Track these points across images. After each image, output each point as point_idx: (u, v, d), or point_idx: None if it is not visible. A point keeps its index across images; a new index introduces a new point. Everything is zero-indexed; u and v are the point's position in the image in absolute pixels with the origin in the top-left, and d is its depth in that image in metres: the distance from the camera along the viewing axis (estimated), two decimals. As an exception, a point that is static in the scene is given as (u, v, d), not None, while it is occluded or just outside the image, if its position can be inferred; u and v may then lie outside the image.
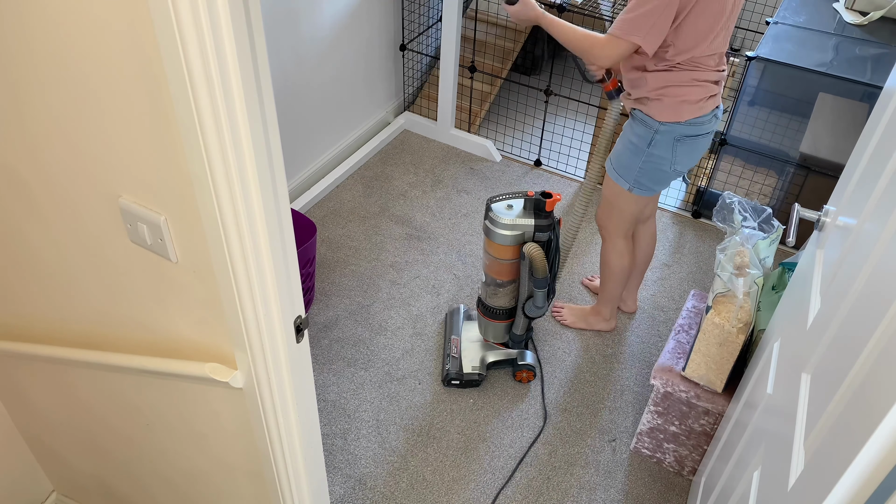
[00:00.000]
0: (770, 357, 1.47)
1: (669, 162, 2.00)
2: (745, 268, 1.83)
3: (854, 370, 0.90)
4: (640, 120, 1.98)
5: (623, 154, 2.06)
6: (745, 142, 2.95)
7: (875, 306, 0.89)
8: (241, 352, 1.13)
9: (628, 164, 2.05)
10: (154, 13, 0.80)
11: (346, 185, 3.17)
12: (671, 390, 1.95)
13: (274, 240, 1.01)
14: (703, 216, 3.07)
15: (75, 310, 1.38)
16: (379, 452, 2.16)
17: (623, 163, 2.06)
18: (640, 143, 1.99)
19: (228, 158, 0.89)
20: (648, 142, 1.98)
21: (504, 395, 2.33)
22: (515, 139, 3.49)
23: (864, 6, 2.96)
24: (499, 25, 3.55)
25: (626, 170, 2.07)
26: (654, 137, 1.96)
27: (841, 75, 2.60)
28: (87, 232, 1.19)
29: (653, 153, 1.99)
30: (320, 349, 2.45)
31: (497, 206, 2.08)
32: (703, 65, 1.87)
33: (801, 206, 1.44)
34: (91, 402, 1.55)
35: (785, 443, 1.11)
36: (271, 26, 2.58)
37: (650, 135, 1.96)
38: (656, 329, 2.58)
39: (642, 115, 1.97)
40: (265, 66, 0.88)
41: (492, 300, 2.24)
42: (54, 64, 0.97)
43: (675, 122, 1.93)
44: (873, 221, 1.04)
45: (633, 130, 2.01)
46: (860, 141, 1.33)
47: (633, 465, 2.16)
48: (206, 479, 1.55)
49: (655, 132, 1.95)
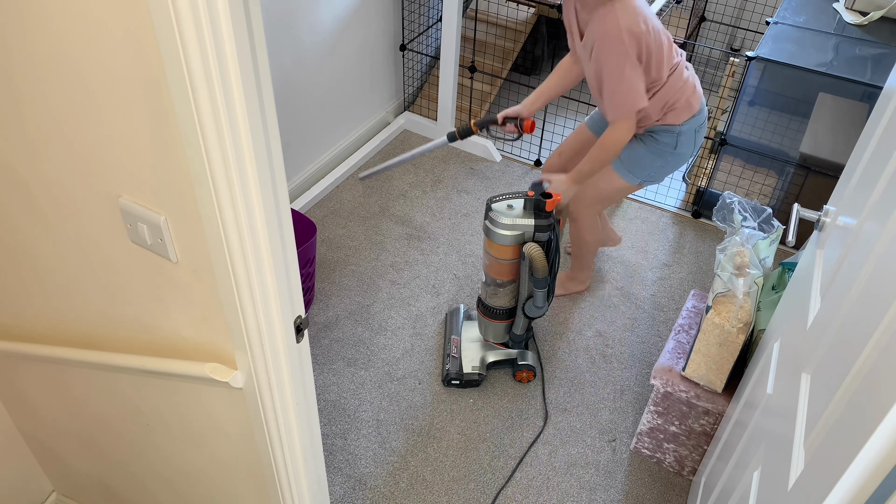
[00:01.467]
0: (770, 357, 1.47)
1: (691, 153, 2.21)
2: (745, 268, 1.83)
3: (854, 370, 0.90)
4: (661, 131, 2.15)
5: (643, 157, 2.20)
6: (745, 142, 2.95)
7: (875, 306, 0.89)
8: (241, 352, 1.13)
9: (646, 165, 2.21)
10: (154, 13, 0.80)
11: (346, 185, 3.17)
12: (671, 390, 1.95)
13: (274, 240, 1.01)
14: (703, 216, 3.07)
15: (75, 310, 1.38)
16: (379, 452, 2.16)
17: (641, 164, 2.21)
18: (664, 148, 2.16)
19: (228, 158, 0.89)
20: (674, 145, 2.16)
21: (504, 395, 2.33)
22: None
23: (864, 6, 2.96)
24: (499, 25, 3.55)
25: (642, 169, 2.22)
26: (679, 139, 2.14)
27: (841, 75, 2.60)
28: (86, 232, 1.19)
29: (679, 153, 2.17)
30: (320, 349, 2.45)
31: (497, 206, 2.08)
32: (675, 70, 2.10)
33: (801, 206, 1.44)
34: (91, 402, 1.55)
35: (785, 443, 1.11)
36: (271, 26, 2.58)
37: (674, 139, 2.14)
38: (656, 329, 2.58)
39: (661, 126, 2.14)
40: (265, 66, 0.88)
41: (492, 300, 2.24)
42: (54, 64, 0.97)
43: (691, 118, 2.13)
44: (873, 221, 1.04)
45: (654, 139, 2.17)
46: (860, 141, 1.33)
47: (633, 465, 2.16)
48: (206, 479, 1.55)
49: (678, 134, 2.13)
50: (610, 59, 1.95)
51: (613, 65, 1.95)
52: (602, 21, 1.93)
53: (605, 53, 1.95)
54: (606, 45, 1.94)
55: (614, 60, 1.94)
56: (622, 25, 1.90)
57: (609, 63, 1.96)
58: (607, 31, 1.92)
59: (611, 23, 1.91)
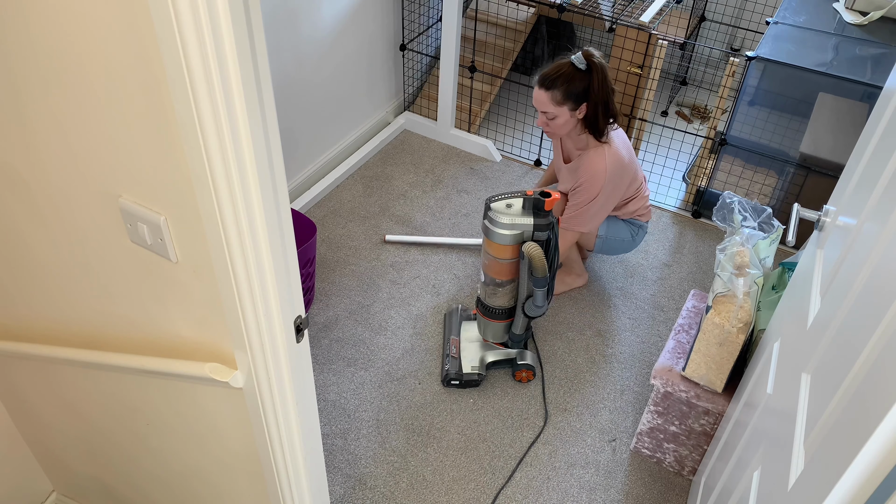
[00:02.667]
0: (770, 357, 1.47)
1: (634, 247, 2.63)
2: (745, 268, 1.83)
3: (854, 370, 0.90)
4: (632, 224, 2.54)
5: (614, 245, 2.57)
6: (745, 142, 2.95)
7: (875, 306, 0.89)
8: (241, 352, 1.13)
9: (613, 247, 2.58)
10: (154, 13, 0.80)
11: (346, 185, 3.17)
12: (671, 390, 1.95)
13: (274, 240, 1.01)
14: (703, 216, 3.07)
15: (75, 310, 1.38)
16: (379, 452, 2.16)
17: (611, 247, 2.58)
18: (632, 238, 2.55)
19: (228, 158, 0.89)
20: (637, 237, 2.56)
21: (504, 395, 2.33)
22: (515, 139, 3.49)
23: (864, 6, 2.96)
24: (499, 25, 3.55)
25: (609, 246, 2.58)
26: (639, 233, 2.55)
27: (841, 75, 2.60)
28: (86, 232, 1.19)
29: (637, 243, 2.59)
30: (320, 349, 2.45)
31: (496, 205, 2.08)
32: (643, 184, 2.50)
33: (801, 206, 1.44)
34: (91, 402, 1.55)
35: (785, 443, 1.11)
36: (271, 26, 2.58)
37: (641, 232, 2.56)
38: (656, 329, 2.58)
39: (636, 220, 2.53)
40: (265, 66, 0.88)
41: (491, 300, 2.24)
42: (54, 63, 0.97)
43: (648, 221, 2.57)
44: (873, 221, 1.04)
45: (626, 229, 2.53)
46: (860, 141, 1.33)
47: (633, 465, 2.16)
48: (206, 479, 1.55)
49: (640, 228, 2.55)
50: (589, 189, 2.28)
51: (588, 196, 2.29)
52: (592, 162, 2.26)
53: (587, 185, 2.27)
54: (590, 181, 2.26)
55: (591, 192, 2.28)
56: (609, 168, 2.24)
57: (586, 193, 2.29)
58: (595, 172, 2.25)
59: (599, 165, 2.24)
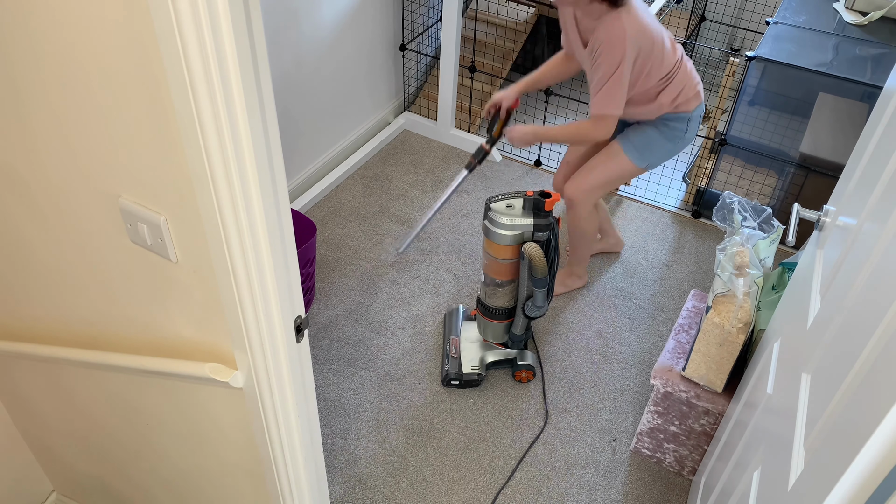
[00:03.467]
0: (770, 357, 1.47)
1: (693, 138, 2.35)
2: (745, 268, 1.83)
3: (854, 370, 0.90)
4: (674, 118, 2.27)
5: (655, 141, 2.31)
6: (745, 142, 2.95)
7: (875, 306, 0.89)
8: (241, 352, 1.13)
9: (656, 149, 2.32)
10: (154, 13, 0.80)
11: (346, 185, 3.17)
12: (671, 390, 1.95)
13: (274, 240, 1.01)
14: (703, 216, 3.07)
15: (75, 310, 1.38)
16: (379, 452, 2.16)
17: (652, 148, 2.32)
18: (676, 133, 2.29)
19: (228, 158, 0.89)
20: (685, 130, 2.30)
21: (504, 395, 2.33)
22: (515, 139, 3.49)
23: (864, 6, 2.96)
24: (499, 25, 3.55)
25: (651, 153, 2.33)
26: (689, 125, 2.29)
27: (841, 75, 2.60)
28: (86, 232, 1.19)
29: (687, 138, 2.32)
30: (320, 349, 2.45)
31: (496, 205, 2.08)
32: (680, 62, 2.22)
33: (801, 206, 1.44)
34: (91, 402, 1.55)
35: (785, 443, 1.11)
36: (271, 26, 2.58)
37: (685, 125, 2.28)
38: (656, 329, 2.58)
39: (675, 114, 2.26)
40: (265, 66, 0.88)
41: (491, 300, 2.24)
42: (54, 63, 0.97)
43: (698, 105, 2.28)
44: (873, 221, 1.04)
45: (667, 125, 2.28)
46: (860, 141, 1.33)
47: (633, 465, 2.16)
48: (206, 479, 1.55)
49: (689, 121, 2.28)
50: (609, 60, 2.05)
51: (609, 65, 2.06)
52: (609, 28, 2.04)
53: (606, 55, 2.06)
54: (609, 49, 2.04)
55: (612, 62, 2.05)
56: (627, 30, 2.01)
57: (606, 63, 2.06)
58: (613, 37, 2.03)
59: (617, 29, 2.02)
